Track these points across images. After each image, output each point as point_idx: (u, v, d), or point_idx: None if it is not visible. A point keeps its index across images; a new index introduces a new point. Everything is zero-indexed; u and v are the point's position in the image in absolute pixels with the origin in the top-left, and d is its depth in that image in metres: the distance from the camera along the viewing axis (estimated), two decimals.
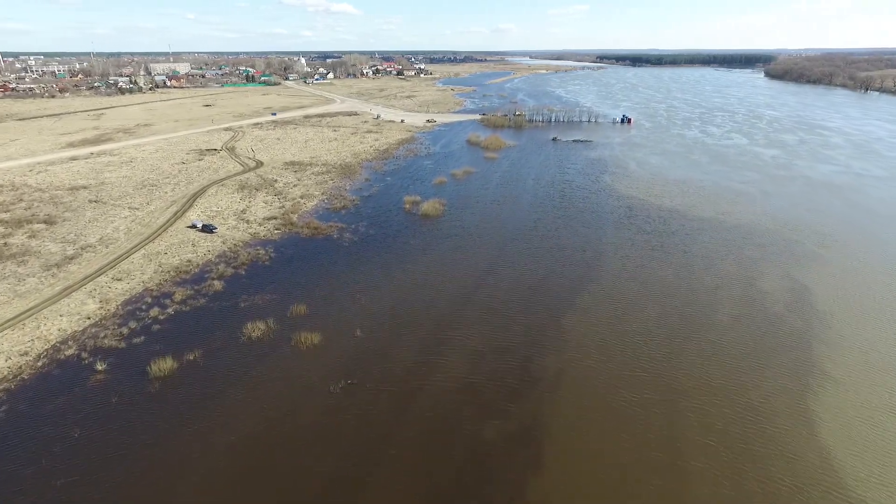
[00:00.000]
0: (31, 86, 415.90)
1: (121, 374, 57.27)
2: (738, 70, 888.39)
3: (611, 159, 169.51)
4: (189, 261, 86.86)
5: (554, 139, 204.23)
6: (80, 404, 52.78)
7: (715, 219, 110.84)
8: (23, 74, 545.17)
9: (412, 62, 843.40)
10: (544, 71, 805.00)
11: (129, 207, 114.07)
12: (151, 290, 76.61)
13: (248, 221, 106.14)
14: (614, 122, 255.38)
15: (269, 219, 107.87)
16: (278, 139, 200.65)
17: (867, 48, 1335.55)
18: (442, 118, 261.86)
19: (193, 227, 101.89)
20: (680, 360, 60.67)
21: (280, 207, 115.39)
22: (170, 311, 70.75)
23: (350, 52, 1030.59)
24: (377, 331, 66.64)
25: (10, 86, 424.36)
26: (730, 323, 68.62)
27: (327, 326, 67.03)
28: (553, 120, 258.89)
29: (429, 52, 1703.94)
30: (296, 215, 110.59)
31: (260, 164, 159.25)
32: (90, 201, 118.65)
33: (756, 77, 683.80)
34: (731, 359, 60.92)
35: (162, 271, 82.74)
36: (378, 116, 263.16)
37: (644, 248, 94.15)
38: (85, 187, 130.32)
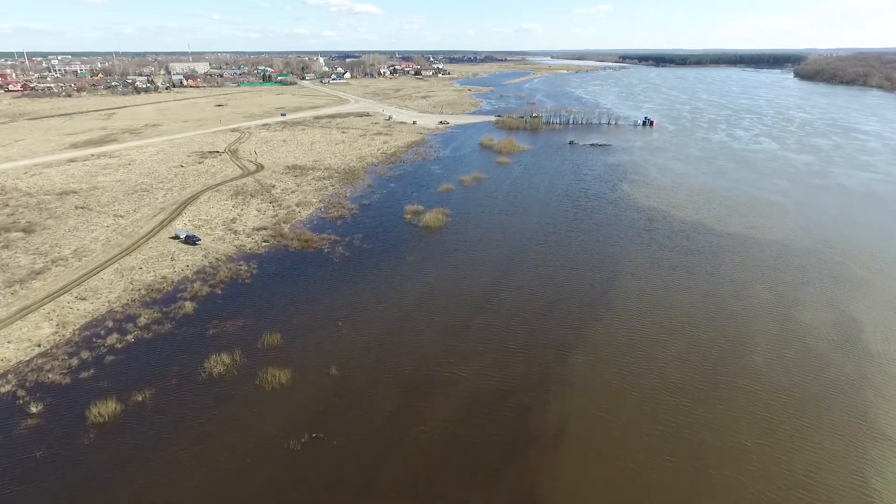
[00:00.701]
0: (50, 85, 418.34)
1: (55, 419, 49.98)
2: (765, 70, 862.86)
3: (630, 165, 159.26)
4: (164, 277, 79.81)
5: (571, 143, 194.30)
6: None
7: (744, 234, 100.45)
8: (45, 74, 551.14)
9: (430, 62, 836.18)
10: (565, 71, 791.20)
11: (114, 215, 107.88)
12: (116, 311, 69.57)
13: (235, 232, 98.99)
14: (635, 124, 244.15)
15: (259, 229, 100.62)
16: (284, 141, 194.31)
17: None
18: (456, 120, 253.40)
19: (176, 237, 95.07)
20: (706, 413, 51.31)
21: (273, 217, 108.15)
22: (130, 338, 63.51)
23: (371, 52, 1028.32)
24: (356, 368, 58.45)
25: (31, 85, 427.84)
26: (764, 367, 58.87)
27: (300, 361, 59.07)
28: (571, 122, 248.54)
29: (449, 52, 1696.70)
30: (288, 226, 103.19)
31: (260, 167, 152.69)
32: (76, 207, 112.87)
33: (785, 78, 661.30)
34: (768, 414, 51.33)
35: (132, 289, 75.78)
36: (390, 118, 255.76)
37: (665, 269, 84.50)
38: (75, 192, 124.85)
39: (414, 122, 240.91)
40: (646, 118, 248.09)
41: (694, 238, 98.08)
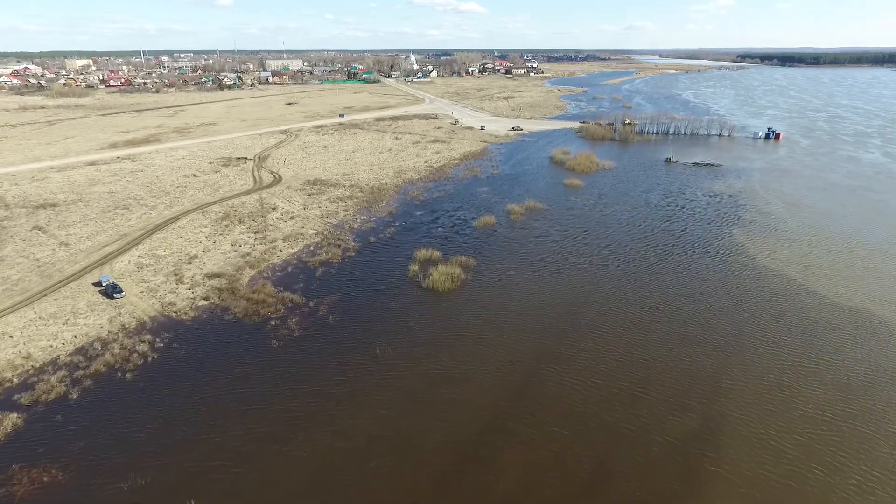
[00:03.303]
0: (145, 81, 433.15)
1: None
2: None
3: (747, 196, 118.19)
4: (27, 356, 56.10)
5: (667, 160, 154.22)
6: None
7: None
8: (152, 70, 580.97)
9: (524, 60, 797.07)
10: (673, 71, 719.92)
11: (60, 242, 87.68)
12: None
13: (180, 280, 74.29)
14: (755, 136, 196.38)
15: (213, 276, 75.30)
16: (325, 147, 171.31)
17: None
18: (531, 125, 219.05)
19: (99, 285, 72.00)
20: None
21: (243, 256, 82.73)
22: None
23: (471, 51, 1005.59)
24: None
25: (131, 81, 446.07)
26: None
27: None
28: (672, 132, 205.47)
29: (551, 51, 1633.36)
30: (252, 273, 77.17)
31: (278, 180, 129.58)
32: (33, 228, 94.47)
33: None
34: None
35: None
36: (456, 122, 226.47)
37: (813, 424, 47.98)
38: (54, 205, 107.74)
39: (482, 128, 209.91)
40: (769, 129, 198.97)
41: (857, 349, 59.61)
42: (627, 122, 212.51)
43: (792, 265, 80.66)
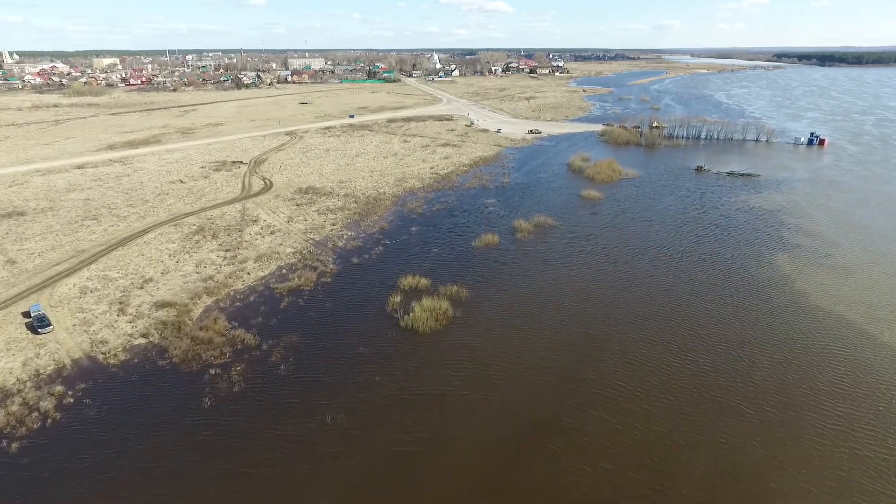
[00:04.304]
0: (165, 79, 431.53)
1: None
2: None
3: (791, 213, 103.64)
4: None
5: (699, 169, 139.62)
6: None
7: None
8: (176, 69, 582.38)
9: (550, 59, 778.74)
10: (704, 71, 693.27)
11: (7, 260, 78.71)
12: None
13: (123, 310, 64.26)
14: (797, 142, 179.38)
15: (163, 305, 65.11)
16: (327, 150, 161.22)
17: None
18: (551, 128, 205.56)
19: (28, 315, 62.36)
20: None
21: (204, 281, 72.44)
22: None
23: (496, 50, 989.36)
24: None
25: (151, 80, 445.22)
26: None
27: None
28: (703, 136, 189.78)
29: (578, 50, 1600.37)
30: (210, 301, 66.85)
31: (268, 187, 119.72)
32: None
33: None
34: None
35: None
36: (471, 123, 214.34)
37: None
38: (21, 214, 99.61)
39: (498, 131, 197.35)
40: (812, 134, 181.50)
41: None
42: (655, 124, 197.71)
43: (851, 305, 66.64)
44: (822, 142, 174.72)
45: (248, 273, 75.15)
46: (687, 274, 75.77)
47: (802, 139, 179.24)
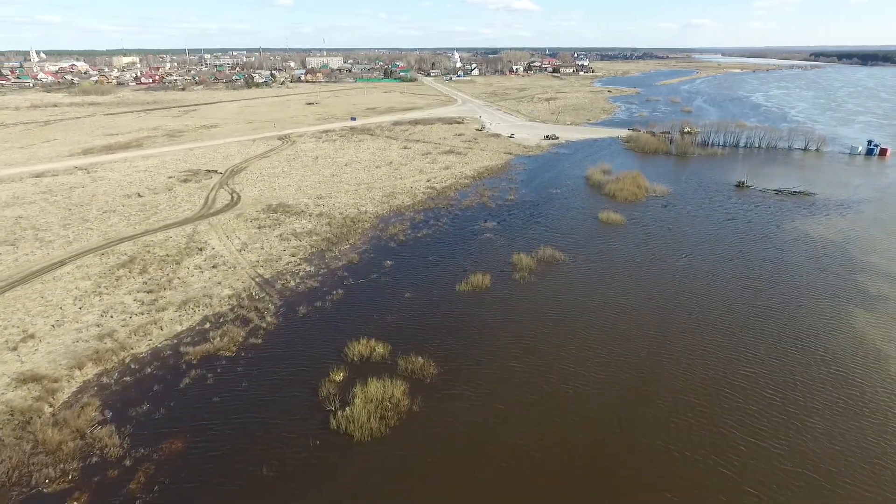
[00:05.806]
0: (176, 77, 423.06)
1: None
2: None
3: (862, 246, 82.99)
4: None
5: (740, 184, 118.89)
6: None
7: None
8: (192, 68, 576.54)
9: (575, 58, 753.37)
10: (738, 70, 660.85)
11: None
12: None
13: None
14: (853, 151, 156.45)
15: (27, 380, 48.87)
16: (316, 158, 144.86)
17: None
18: (570, 133, 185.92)
19: None
20: None
21: (102, 338, 56.09)
22: None
23: (521, 49, 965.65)
24: None
25: (163, 79, 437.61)
26: None
27: None
28: (743, 144, 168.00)
29: (605, 49, 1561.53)
30: (93, 373, 50.40)
31: (234, 203, 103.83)
32: None
33: None
34: None
35: None
36: (482, 127, 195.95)
37: None
38: None
39: (511, 136, 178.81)
40: (871, 142, 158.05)
41: None
42: (687, 130, 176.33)
43: None
44: (883, 151, 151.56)
45: (162, 328, 58.50)
46: (733, 338, 56.39)
47: (860, 148, 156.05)
